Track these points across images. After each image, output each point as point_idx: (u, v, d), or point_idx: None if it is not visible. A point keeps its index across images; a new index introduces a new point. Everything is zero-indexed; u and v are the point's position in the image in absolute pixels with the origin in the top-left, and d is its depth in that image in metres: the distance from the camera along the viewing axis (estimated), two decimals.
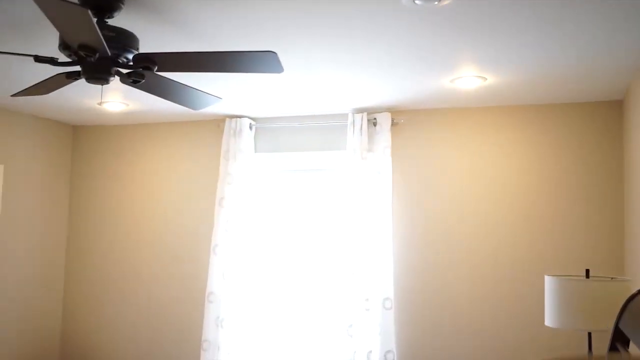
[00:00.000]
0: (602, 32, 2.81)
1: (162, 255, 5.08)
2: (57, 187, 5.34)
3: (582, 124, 4.18)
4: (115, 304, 5.19)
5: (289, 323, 4.76)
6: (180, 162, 5.11)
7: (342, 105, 4.43)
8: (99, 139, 5.41)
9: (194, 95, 2.96)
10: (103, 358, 5.18)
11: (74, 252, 5.40)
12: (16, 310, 4.91)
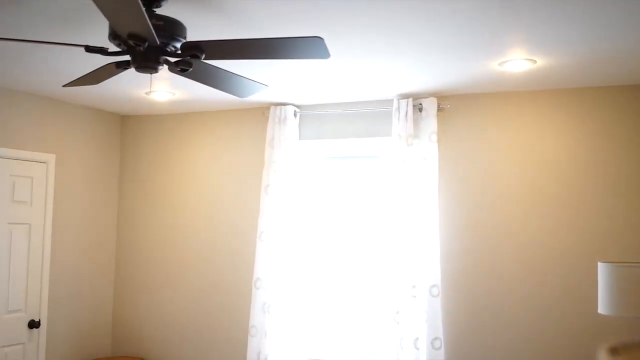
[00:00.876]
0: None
1: (209, 242, 5.15)
2: (107, 176, 5.45)
3: (635, 106, 4.05)
4: (164, 289, 5.29)
5: (335, 309, 4.77)
6: (226, 150, 5.16)
7: (387, 91, 4.39)
8: (146, 128, 5.50)
9: (240, 82, 2.97)
10: (152, 342, 5.30)
11: (124, 238, 5.51)
12: (71, 294, 5.05)
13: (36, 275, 4.75)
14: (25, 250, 4.66)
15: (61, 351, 4.96)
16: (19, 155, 4.59)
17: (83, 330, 5.19)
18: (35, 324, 4.70)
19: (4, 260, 4.49)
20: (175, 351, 5.19)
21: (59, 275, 4.95)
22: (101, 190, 5.39)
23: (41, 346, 4.78)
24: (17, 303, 4.60)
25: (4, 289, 4.49)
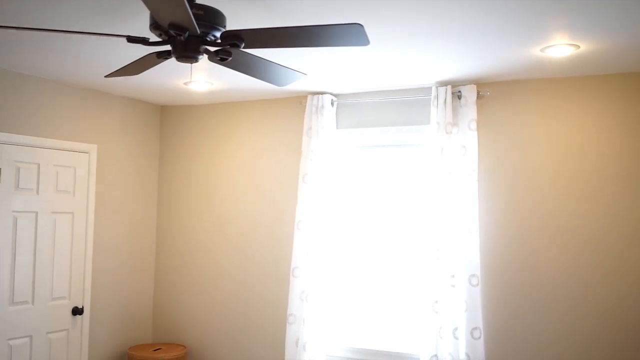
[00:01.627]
0: None
1: (248, 231, 5.18)
2: (147, 166, 5.53)
3: None
4: (203, 277, 5.36)
5: (372, 298, 4.77)
6: (264, 140, 5.18)
7: (425, 78, 4.34)
8: (185, 118, 5.56)
9: (279, 71, 2.97)
10: (192, 329, 5.37)
11: (164, 227, 5.59)
12: (113, 281, 5.15)
13: (79, 263, 4.85)
14: (68, 238, 4.76)
15: (103, 337, 5.07)
16: (62, 146, 4.69)
17: (125, 317, 5.29)
18: (78, 311, 4.81)
19: (49, 249, 4.60)
20: (214, 338, 5.26)
21: (101, 263, 5.05)
22: (141, 179, 5.47)
23: (84, 332, 4.89)
24: (62, 290, 4.71)
25: (48, 276, 4.60)
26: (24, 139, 4.40)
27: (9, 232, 4.32)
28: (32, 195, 4.49)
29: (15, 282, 4.36)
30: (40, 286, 4.54)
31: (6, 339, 4.30)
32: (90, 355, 4.94)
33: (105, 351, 5.08)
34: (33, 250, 4.49)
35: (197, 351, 5.32)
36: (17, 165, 4.37)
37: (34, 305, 4.51)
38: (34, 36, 3.44)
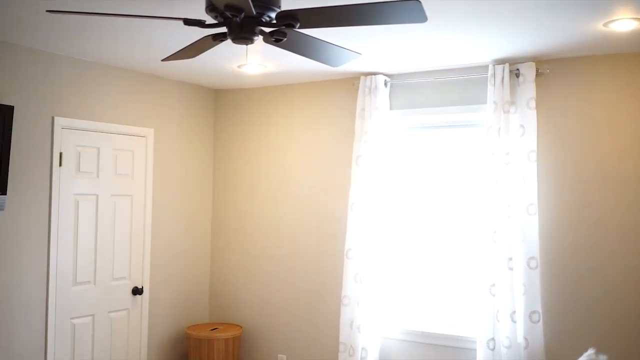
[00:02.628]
0: None
1: (301, 213, 5.20)
2: (202, 149, 5.60)
3: None
4: (258, 259, 5.41)
5: (427, 281, 4.73)
6: (317, 122, 5.17)
7: (481, 57, 4.24)
8: (239, 101, 5.59)
9: (333, 51, 2.95)
10: (248, 310, 5.45)
11: (219, 208, 5.67)
12: (170, 262, 5.26)
13: (138, 245, 4.97)
14: (128, 220, 4.88)
15: (162, 317, 5.19)
16: (120, 130, 4.79)
17: (182, 298, 5.40)
18: (138, 291, 4.93)
19: (109, 230, 4.72)
20: (270, 318, 5.32)
21: (159, 245, 5.16)
22: (196, 162, 5.55)
23: (144, 312, 5.01)
24: (122, 271, 4.83)
25: (109, 257, 4.73)
26: (85, 123, 4.51)
27: (71, 214, 4.45)
28: (93, 178, 4.60)
29: (78, 263, 4.50)
30: (101, 267, 4.67)
31: (70, 317, 4.45)
32: (150, 334, 5.07)
33: (163, 330, 5.21)
34: (94, 232, 4.61)
35: (253, 331, 5.40)
36: (78, 150, 4.49)
37: (96, 286, 4.64)
38: (93, 23, 3.50)
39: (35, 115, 4.18)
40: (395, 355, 4.72)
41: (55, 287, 4.32)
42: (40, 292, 4.22)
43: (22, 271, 4.11)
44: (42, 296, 4.23)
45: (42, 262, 4.23)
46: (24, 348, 4.13)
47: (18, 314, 4.09)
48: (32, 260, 4.18)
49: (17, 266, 4.08)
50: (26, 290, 4.14)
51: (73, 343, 4.47)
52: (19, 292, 4.09)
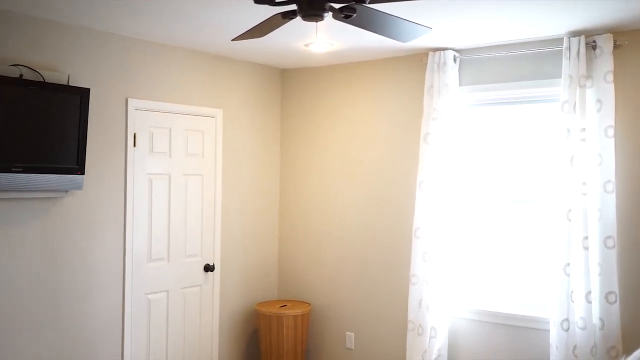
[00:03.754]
0: None
1: (369, 191, 5.19)
2: (269, 128, 5.65)
3: None
4: (326, 237, 5.44)
5: (498, 260, 4.64)
6: (384, 99, 5.12)
7: (555, 29, 4.09)
8: (305, 80, 5.60)
9: (403, 27, 2.90)
10: (317, 287, 5.50)
11: (287, 187, 5.72)
12: (240, 240, 5.36)
13: (209, 223, 5.08)
14: (199, 199, 4.99)
15: (232, 293, 5.31)
16: (191, 111, 4.89)
17: (252, 275, 5.50)
18: (210, 268, 5.05)
19: (182, 209, 4.85)
20: (338, 296, 5.36)
21: (229, 223, 5.26)
22: (264, 142, 5.61)
23: (215, 288, 5.14)
24: (194, 248, 4.96)
25: (182, 235, 4.86)
26: (157, 105, 4.62)
27: (146, 193, 4.58)
28: (165, 158, 4.72)
29: (153, 240, 4.64)
30: (174, 244, 4.81)
31: (145, 293, 4.60)
32: (221, 310, 5.20)
33: (234, 306, 5.33)
34: (167, 211, 4.75)
35: (321, 309, 5.45)
36: (151, 131, 4.61)
37: (170, 262, 4.78)
38: (165, 5, 3.57)
39: (110, 97, 4.31)
40: (465, 335, 4.67)
41: (132, 263, 4.48)
42: (117, 268, 4.39)
43: (100, 248, 4.28)
44: (119, 272, 4.40)
45: (118, 239, 4.39)
46: (103, 321, 4.31)
47: (97, 289, 4.26)
48: (109, 237, 4.34)
49: (95, 243, 4.24)
50: (104, 266, 4.31)
51: (149, 318, 4.63)
52: (97, 268, 4.26)
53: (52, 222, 3.99)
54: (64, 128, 3.82)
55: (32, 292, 3.90)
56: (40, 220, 3.92)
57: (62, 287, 4.06)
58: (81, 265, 4.16)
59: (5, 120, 3.53)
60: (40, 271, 3.93)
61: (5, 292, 3.76)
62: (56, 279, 4.03)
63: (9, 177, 3.55)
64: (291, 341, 5.11)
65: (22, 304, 3.85)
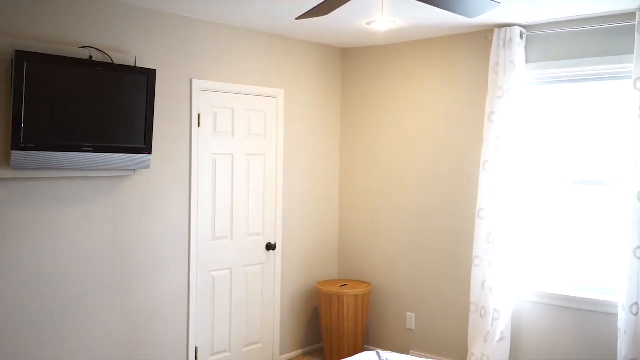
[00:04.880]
0: None
1: (430, 171, 5.14)
2: (329, 108, 5.65)
3: None
4: (386, 217, 5.43)
5: (564, 242, 4.53)
6: (447, 78, 5.04)
7: (627, 3, 3.92)
8: (365, 59, 5.56)
9: (471, 1, 2.83)
10: (377, 268, 5.50)
11: (347, 167, 5.72)
12: (301, 219, 5.41)
13: (271, 202, 5.14)
14: (261, 179, 5.05)
15: (293, 272, 5.37)
16: (253, 91, 4.93)
17: (312, 254, 5.54)
18: (271, 247, 5.12)
19: (244, 188, 4.92)
20: (399, 277, 5.34)
21: (290, 202, 5.30)
22: (324, 121, 5.61)
23: (277, 267, 5.21)
24: (256, 227, 5.03)
25: (244, 214, 4.93)
26: (220, 85, 4.68)
27: (209, 173, 4.67)
28: (228, 138, 4.79)
29: (216, 219, 4.73)
30: (237, 223, 4.88)
31: (209, 270, 4.71)
32: (283, 288, 5.27)
33: (295, 284, 5.39)
34: (230, 190, 4.82)
35: (382, 289, 5.45)
36: (215, 111, 4.68)
37: (233, 241, 4.87)
38: None
39: (175, 78, 4.39)
40: (529, 317, 4.59)
41: (196, 241, 4.58)
42: (182, 245, 4.49)
43: (167, 225, 4.39)
44: (184, 249, 4.51)
45: (183, 217, 4.49)
46: (170, 295, 4.43)
47: (163, 265, 4.38)
48: (175, 216, 4.44)
49: (162, 221, 4.36)
50: (171, 243, 4.42)
51: (213, 294, 4.73)
52: (164, 244, 4.38)
53: (121, 200, 4.12)
54: (132, 108, 3.92)
55: (103, 267, 4.04)
56: (109, 198, 4.05)
57: (131, 262, 4.19)
58: (148, 241, 4.28)
59: (76, 101, 3.65)
60: (110, 247, 4.07)
61: (79, 265, 3.91)
62: (125, 254, 4.16)
63: (80, 156, 3.67)
64: (352, 320, 5.14)
65: (95, 277, 4.00)
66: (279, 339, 5.26)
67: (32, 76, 3.42)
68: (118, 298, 4.13)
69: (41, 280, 3.74)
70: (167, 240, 4.40)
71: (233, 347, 4.90)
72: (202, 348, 4.67)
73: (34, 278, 3.70)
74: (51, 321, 3.79)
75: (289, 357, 5.36)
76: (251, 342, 5.04)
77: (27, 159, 3.44)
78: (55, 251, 3.79)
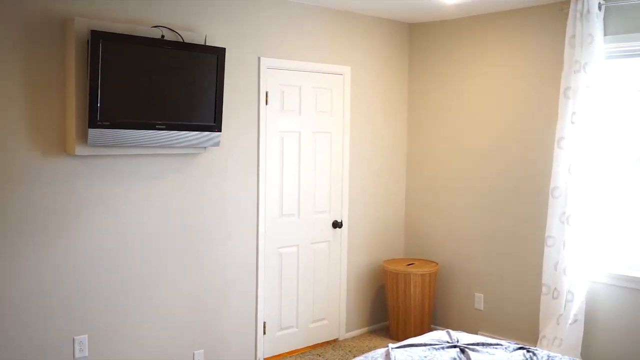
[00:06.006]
0: None
1: (501, 149, 5.00)
2: (396, 84, 5.57)
3: None
4: (455, 196, 5.33)
5: None
6: (519, 52, 4.87)
7: None
8: (434, 35, 5.44)
9: None
10: (444, 247, 5.43)
11: (414, 145, 5.64)
12: (367, 198, 5.39)
13: (337, 180, 5.13)
14: (327, 157, 5.04)
15: (359, 250, 5.36)
16: (320, 69, 4.90)
17: (378, 233, 5.52)
18: (338, 224, 5.12)
19: (311, 166, 4.92)
20: (467, 257, 5.26)
21: (356, 180, 5.28)
22: (392, 99, 5.54)
23: (343, 244, 5.21)
24: (323, 205, 5.04)
25: (311, 191, 4.94)
26: (287, 63, 4.68)
27: (277, 150, 4.69)
28: (295, 116, 4.79)
29: (284, 196, 4.76)
30: (304, 200, 4.90)
31: (277, 247, 4.75)
32: (349, 265, 5.28)
33: (361, 262, 5.39)
34: (297, 167, 4.84)
35: (449, 268, 5.38)
36: (282, 89, 4.69)
37: (300, 218, 4.90)
38: None
39: (243, 56, 4.41)
40: (603, 300, 4.44)
41: (265, 218, 4.63)
42: (251, 222, 4.55)
43: (236, 202, 4.45)
44: (253, 225, 4.56)
45: (252, 194, 4.54)
46: (239, 269, 4.51)
47: (233, 240, 4.45)
48: (244, 192, 4.50)
49: (231, 198, 4.42)
50: (240, 220, 4.48)
51: (280, 270, 4.78)
52: (233, 221, 4.44)
53: (192, 177, 4.19)
54: (202, 87, 3.96)
55: (174, 242, 4.14)
56: (180, 175, 4.13)
57: (201, 238, 4.28)
58: (218, 218, 4.35)
59: (148, 80, 3.72)
60: (181, 223, 4.16)
61: (151, 240, 4.02)
62: (195, 230, 4.24)
63: (153, 134, 3.75)
64: (418, 299, 5.10)
65: (166, 252, 4.10)
66: (345, 316, 5.28)
67: (107, 56, 3.50)
68: (188, 272, 4.22)
69: (113, 254, 3.86)
70: (236, 216, 4.46)
71: (300, 322, 4.95)
72: (269, 323, 4.74)
73: (108, 252, 3.83)
74: (123, 293, 3.92)
75: (355, 335, 5.38)
76: (318, 319, 5.08)
77: (103, 136, 3.53)
78: (128, 226, 3.91)
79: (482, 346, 3.38)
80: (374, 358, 3.17)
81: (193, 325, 4.27)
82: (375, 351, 3.29)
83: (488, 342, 3.44)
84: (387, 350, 3.26)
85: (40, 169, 3.53)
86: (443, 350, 3.30)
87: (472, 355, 3.22)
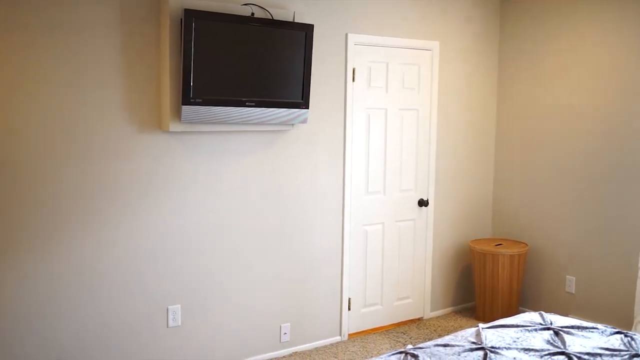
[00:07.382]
0: None
1: (597, 126, 4.77)
2: (485, 60, 5.41)
3: None
4: (545, 176, 5.15)
5: None
6: (618, 27, 4.60)
7: None
8: (526, 10, 5.23)
9: None
10: (532, 228, 5.27)
11: (503, 123, 5.48)
12: (454, 176, 5.29)
13: (424, 158, 5.06)
14: (414, 134, 4.97)
15: (445, 229, 5.29)
16: (407, 44, 4.82)
17: (465, 212, 5.42)
18: (423, 203, 5.06)
19: (397, 144, 4.87)
20: (558, 239, 5.08)
21: (443, 159, 5.19)
22: (481, 75, 5.39)
23: (429, 223, 5.15)
24: (408, 183, 4.99)
25: (397, 169, 4.90)
26: (374, 39, 4.63)
27: (363, 127, 4.67)
28: (382, 92, 4.75)
29: (370, 173, 4.74)
30: (390, 178, 4.87)
31: (362, 224, 4.75)
32: (434, 244, 5.22)
33: (447, 241, 5.31)
34: (383, 145, 4.80)
35: (539, 250, 5.22)
36: (369, 65, 4.64)
37: (385, 196, 4.87)
38: None
39: (331, 32, 4.40)
40: None
41: (350, 194, 4.63)
42: (337, 199, 4.56)
43: (322, 178, 4.48)
44: (339, 202, 4.58)
45: (338, 171, 4.55)
46: (325, 247, 4.54)
47: (319, 216, 4.49)
48: (330, 169, 4.51)
49: (318, 174, 4.44)
50: (326, 197, 4.51)
51: (365, 247, 4.79)
52: (320, 198, 4.47)
53: (280, 153, 4.24)
54: (291, 64, 3.98)
55: (263, 217, 4.21)
56: (269, 151, 4.19)
57: (289, 213, 4.33)
58: (305, 194, 4.39)
59: (239, 57, 3.76)
60: (269, 198, 4.23)
61: (240, 215, 4.11)
62: (283, 205, 4.30)
63: (244, 111, 3.80)
64: (506, 280, 4.99)
65: (255, 227, 4.18)
66: (430, 295, 5.24)
67: (199, 34, 3.56)
68: (276, 246, 4.29)
69: (204, 228, 3.97)
70: (323, 193, 4.48)
71: (384, 300, 4.95)
72: (354, 299, 4.76)
73: (200, 225, 3.94)
74: (214, 266, 4.03)
75: (440, 314, 5.33)
76: (402, 297, 5.06)
77: (195, 113, 3.62)
78: (220, 200, 4.01)
79: (577, 329, 3.27)
80: (464, 337, 3.12)
81: (280, 299, 4.35)
82: (465, 330, 3.24)
83: (583, 326, 3.32)
84: (478, 329, 3.21)
85: (136, 143, 3.66)
86: (536, 332, 3.21)
87: (567, 338, 3.12)
